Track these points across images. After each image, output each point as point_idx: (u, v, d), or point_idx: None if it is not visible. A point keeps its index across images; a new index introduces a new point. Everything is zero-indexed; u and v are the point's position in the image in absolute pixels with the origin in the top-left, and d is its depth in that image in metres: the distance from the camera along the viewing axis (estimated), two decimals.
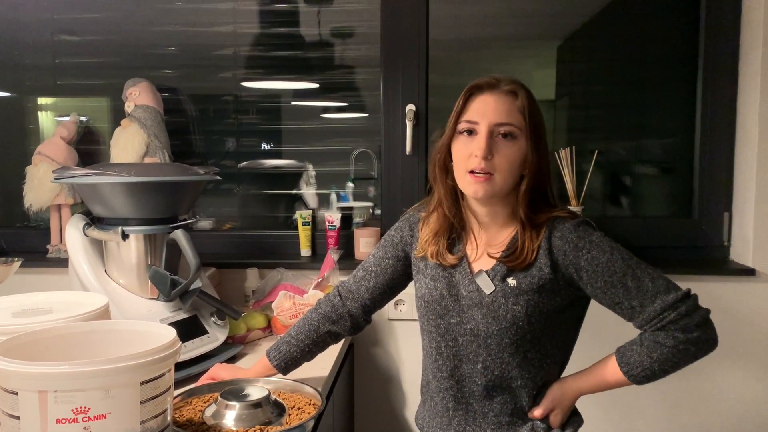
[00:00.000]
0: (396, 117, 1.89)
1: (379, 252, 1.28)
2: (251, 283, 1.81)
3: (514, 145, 1.09)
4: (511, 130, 1.09)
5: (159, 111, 1.85)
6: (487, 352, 1.13)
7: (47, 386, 0.81)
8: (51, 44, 2.06)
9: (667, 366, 1.08)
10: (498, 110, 1.09)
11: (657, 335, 1.07)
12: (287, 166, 2.08)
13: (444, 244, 1.18)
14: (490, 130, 1.08)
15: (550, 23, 2.00)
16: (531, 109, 1.10)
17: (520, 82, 1.13)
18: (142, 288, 1.39)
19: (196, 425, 1.04)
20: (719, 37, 1.83)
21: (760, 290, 1.76)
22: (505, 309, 1.10)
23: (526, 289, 1.10)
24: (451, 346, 1.16)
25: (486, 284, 1.13)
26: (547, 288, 1.10)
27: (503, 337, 1.11)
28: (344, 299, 1.28)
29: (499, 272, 1.13)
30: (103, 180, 1.31)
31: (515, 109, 1.09)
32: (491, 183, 1.09)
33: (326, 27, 2.00)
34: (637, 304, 1.06)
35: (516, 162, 1.09)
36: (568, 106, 2.03)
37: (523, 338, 1.11)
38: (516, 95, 1.10)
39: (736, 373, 1.78)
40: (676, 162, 1.98)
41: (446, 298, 1.16)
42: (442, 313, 1.17)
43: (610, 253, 1.08)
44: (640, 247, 1.85)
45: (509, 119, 1.09)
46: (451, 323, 1.16)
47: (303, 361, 1.28)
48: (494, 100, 1.10)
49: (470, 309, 1.14)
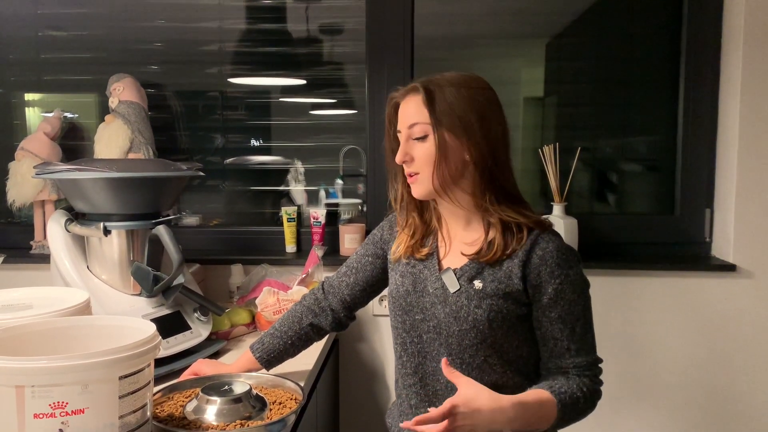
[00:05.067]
0: (381, 114, 1.89)
1: (361, 249, 1.30)
2: (236, 279, 1.81)
3: (426, 142, 1.09)
4: (420, 129, 1.09)
5: (143, 107, 1.85)
6: (448, 351, 1.12)
7: (24, 381, 0.81)
8: (35, 40, 2.05)
9: (578, 412, 1.07)
10: (407, 114, 1.11)
11: (582, 381, 1.08)
12: (274, 162, 2.08)
13: (418, 240, 1.19)
14: (407, 135, 1.11)
15: (538, 21, 2.01)
16: (436, 100, 1.07)
17: (427, 79, 1.11)
18: (125, 284, 1.39)
19: (176, 420, 1.04)
20: (701, 36, 1.85)
21: (740, 285, 1.78)
22: (467, 311, 1.09)
23: (491, 293, 1.09)
24: (416, 342, 1.16)
25: (451, 282, 1.12)
26: (512, 296, 1.09)
27: (463, 338, 1.10)
28: (326, 293, 1.30)
29: (467, 272, 1.12)
30: (84, 176, 1.31)
31: (421, 105, 1.09)
32: (420, 181, 1.11)
33: (314, 23, 2.00)
34: (574, 348, 1.09)
35: (431, 157, 1.08)
36: (556, 103, 2.05)
37: (484, 342, 1.09)
38: (417, 90, 1.09)
39: (718, 368, 1.80)
40: (659, 159, 2.00)
41: (411, 294, 1.16)
42: (407, 309, 1.16)
43: (577, 295, 1.09)
44: (623, 244, 1.90)
45: (416, 118, 1.09)
46: (416, 320, 1.15)
47: (286, 355, 1.28)
48: (404, 105, 1.12)
49: (434, 306, 1.13)
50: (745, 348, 1.79)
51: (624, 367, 1.81)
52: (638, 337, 1.81)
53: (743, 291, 1.78)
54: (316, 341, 1.33)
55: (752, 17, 1.73)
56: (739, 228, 1.77)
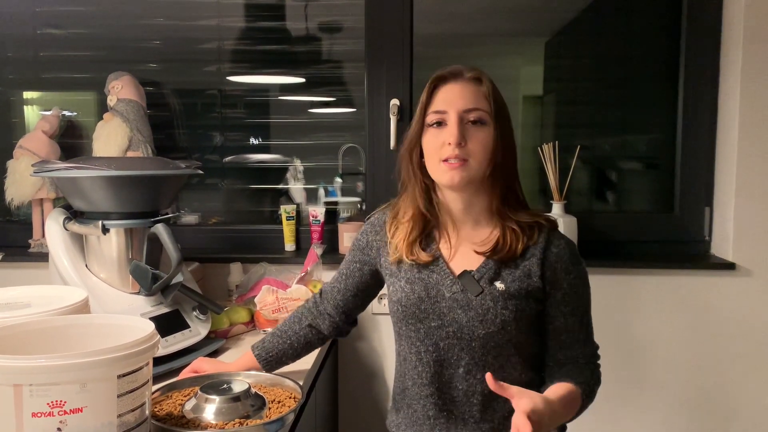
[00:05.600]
0: (380, 112, 1.90)
1: (349, 255, 1.28)
2: (235, 278, 1.81)
3: (484, 130, 1.09)
4: (480, 115, 1.09)
5: (142, 105, 1.84)
6: (470, 356, 1.11)
7: (22, 380, 0.80)
8: (34, 38, 2.04)
9: (594, 394, 1.13)
10: (465, 97, 1.09)
11: (594, 370, 1.14)
12: (273, 160, 2.07)
13: (418, 242, 1.16)
14: (460, 117, 1.08)
15: (537, 19, 2.00)
16: (496, 96, 1.11)
17: (482, 71, 1.13)
18: (123, 282, 1.39)
19: (175, 419, 1.04)
20: (701, 34, 1.85)
21: (739, 284, 1.78)
22: (494, 313, 1.08)
23: (515, 293, 1.09)
24: (431, 351, 1.13)
25: (472, 286, 1.10)
26: (533, 294, 1.10)
27: (489, 341, 1.09)
28: (323, 298, 1.31)
29: (485, 274, 1.11)
30: (83, 174, 1.30)
31: (481, 95, 1.09)
32: (467, 168, 1.08)
33: (313, 21, 2.00)
34: (583, 337, 1.15)
35: (489, 147, 1.09)
36: (555, 102, 2.04)
37: (509, 342, 1.10)
38: (480, 81, 1.10)
39: (717, 366, 1.80)
40: (658, 158, 1.99)
41: (425, 301, 1.13)
42: (421, 317, 1.13)
43: (585, 290, 1.15)
44: (622, 242, 1.90)
45: (476, 104, 1.09)
46: (432, 327, 1.12)
47: (285, 357, 1.28)
48: (460, 88, 1.10)
49: (453, 311, 1.11)
50: (744, 345, 1.79)
51: (623, 364, 1.81)
52: (637, 335, 1.81)
53: (742, 289, 1.78)
54: (317, 347, 1.32)
55: (752, 15, 1.72)
56: (739, 226, 1.77)
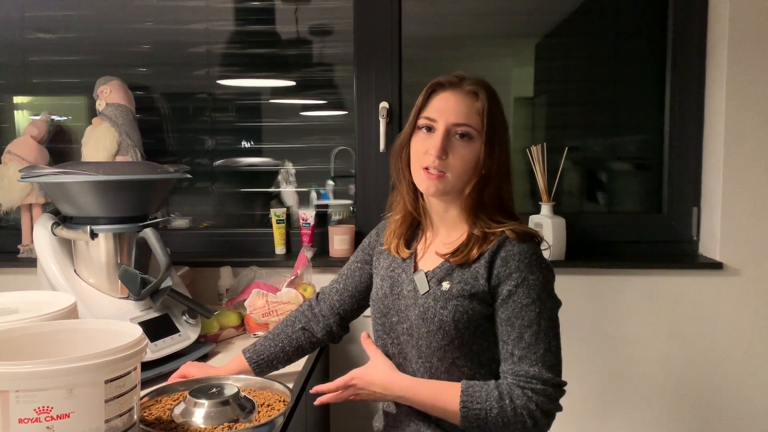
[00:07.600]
0: (370, 115, 1.90)
1: (352, 257, 1.33)
2: (225, 282, 1.81)
3: (470, 146, 1.09)
4: (467, 131, 1.09)
5: (131, 109, 1.84)
6: (419, 354, 1.12)
7: (8, 386, 0.80)
8: (23, 42, 2.04)
9: (498, 421, 1.02)
10: (457, 110, 1.09)
11: (513, 390, 1.03)
12: (263, 164, 2.07)
13: (403, 238, 1.20)
14: (447, 129, 1.09)
15: (528, 21, 2.01)
16: (491, 113, 1.09)
17: (485, 83, 1.12)
18: (112, 287, 1.38)
19: (164, 423, 1.04)
20: (687, 36, 1.86)
21: (727, 283, 1.79)
22: (433, 312, 1.09)
23: (456, 294, 1.09)
24: (396, 344, 1.17)
25: (422, 284, 1.13)
26: (478, 297, 1.09)
27: (432, 341, 1.10)
28: (319, 300, 1.33)
29: (437, 274, 1.13)
30: (70, 179, 1.30)
31: (474, 110, 1.09)
32: (443, 181, 1.09)
33: (303, 25, 2.00)
34: (517, 355, 1.05)
35: (470, 163, 1.09)
36: (546, 103, 2.05)
37: (451, 343, 1.09)
38: (477, 96, 1.09)
39: (706, 366, 1.82)
40: (647, 158, 2.01)
41: (389, 296, 1.18)
42: (385, 311, 1.18)
43: (531, 301, 1.05)
44: (611, 242, 1.91)
45: (467, 120, 1.08)
46: (392, 322, 1.17)
47: (276, 361, 1.28)
48: (454, 100, 1.10)
49: (407, 308, 1.14)
50: (732, 345, 1.81)
51: (611, 364, 1.82)
52: (626, 334, 1.82)
53: (730, 288, 1.79)
54: (309, 352, 1.33)
55: (737, 17, 1.74)
56: (726, 226, 1.79)
